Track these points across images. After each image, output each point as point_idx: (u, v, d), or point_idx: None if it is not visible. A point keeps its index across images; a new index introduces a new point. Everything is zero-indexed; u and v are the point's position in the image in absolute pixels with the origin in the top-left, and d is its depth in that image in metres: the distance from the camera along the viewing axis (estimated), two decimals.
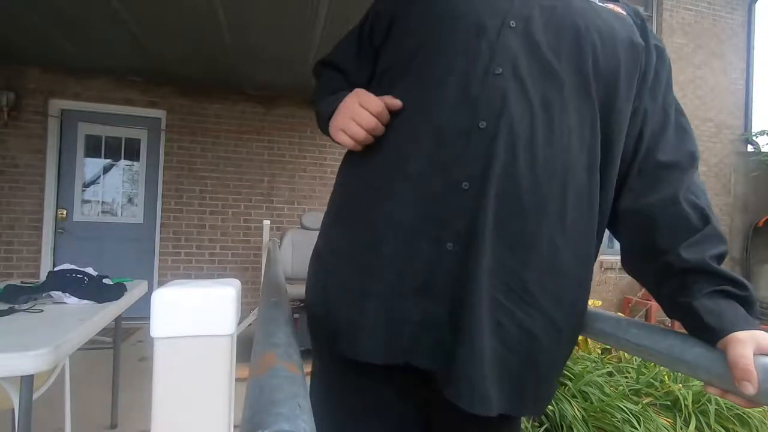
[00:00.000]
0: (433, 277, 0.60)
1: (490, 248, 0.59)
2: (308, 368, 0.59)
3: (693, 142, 0.70)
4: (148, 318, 0.37)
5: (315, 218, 3.73)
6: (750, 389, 0.47)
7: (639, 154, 0.68)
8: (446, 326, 0.60)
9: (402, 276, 0.61)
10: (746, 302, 0.56)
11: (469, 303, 0.59)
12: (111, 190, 4.29)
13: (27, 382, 1.06)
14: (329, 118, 0.72)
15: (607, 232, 0.72)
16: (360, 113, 0.64)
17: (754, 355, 0.48)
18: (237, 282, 0.47)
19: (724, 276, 0.57)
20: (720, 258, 0.60)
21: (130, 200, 4.34)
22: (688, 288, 0.58)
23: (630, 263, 0.69)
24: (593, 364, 2.43)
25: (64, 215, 4.11)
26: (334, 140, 0.71)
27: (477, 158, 0.60)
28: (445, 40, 0.65)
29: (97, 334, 1.38)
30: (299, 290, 1.08)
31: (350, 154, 0.74)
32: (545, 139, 0.61)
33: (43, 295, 1.54)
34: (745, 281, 0.57)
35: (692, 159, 0.68)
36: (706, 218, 0.62)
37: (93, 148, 4.23)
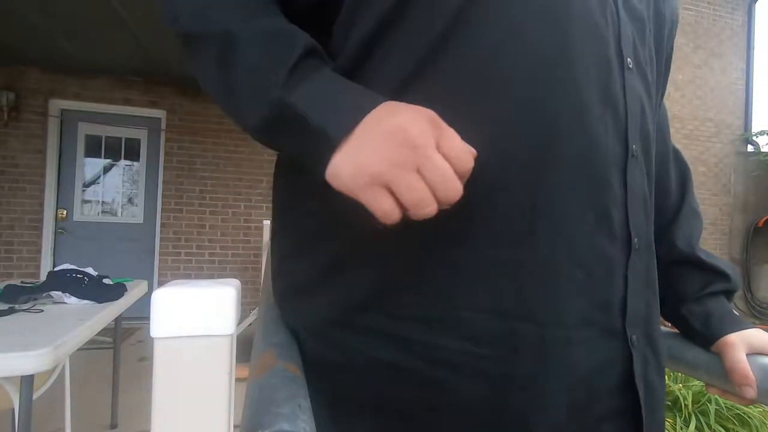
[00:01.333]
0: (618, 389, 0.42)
1: (658, 336, 0.47)
2: None
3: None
4: (148, 318, 0.37)
5: None
6: (751, 393, 0.48)
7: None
8: None
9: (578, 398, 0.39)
10: (730, 292, 0.56)
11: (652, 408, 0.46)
12: (111, 190, 4.29)
13: (27, 382, 1.06)
14: (333, 127, 0.33)
15: None
16: (437, 168, 0.31)
17: (748, 355, 0.49)
18: (237, 282, 0.47)
19: (710, 268, 0.55)
20: (699, 236, 0.58)
21: (130, 200, 4.34)
22: (674, 288, 0.57)
23: None
24: None
25: (64, 215, 4.11)
26: (343, 191, 0.33)
27: (639, 202, 0.43)
28: None
29: (97, 334, 1.38)
30: None
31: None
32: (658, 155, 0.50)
33: (43, 295, 1.54)
34: (727, 269, 0.56)
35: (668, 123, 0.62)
36: (684, 181, 0.60)
37: (93, 148, 4.24)
